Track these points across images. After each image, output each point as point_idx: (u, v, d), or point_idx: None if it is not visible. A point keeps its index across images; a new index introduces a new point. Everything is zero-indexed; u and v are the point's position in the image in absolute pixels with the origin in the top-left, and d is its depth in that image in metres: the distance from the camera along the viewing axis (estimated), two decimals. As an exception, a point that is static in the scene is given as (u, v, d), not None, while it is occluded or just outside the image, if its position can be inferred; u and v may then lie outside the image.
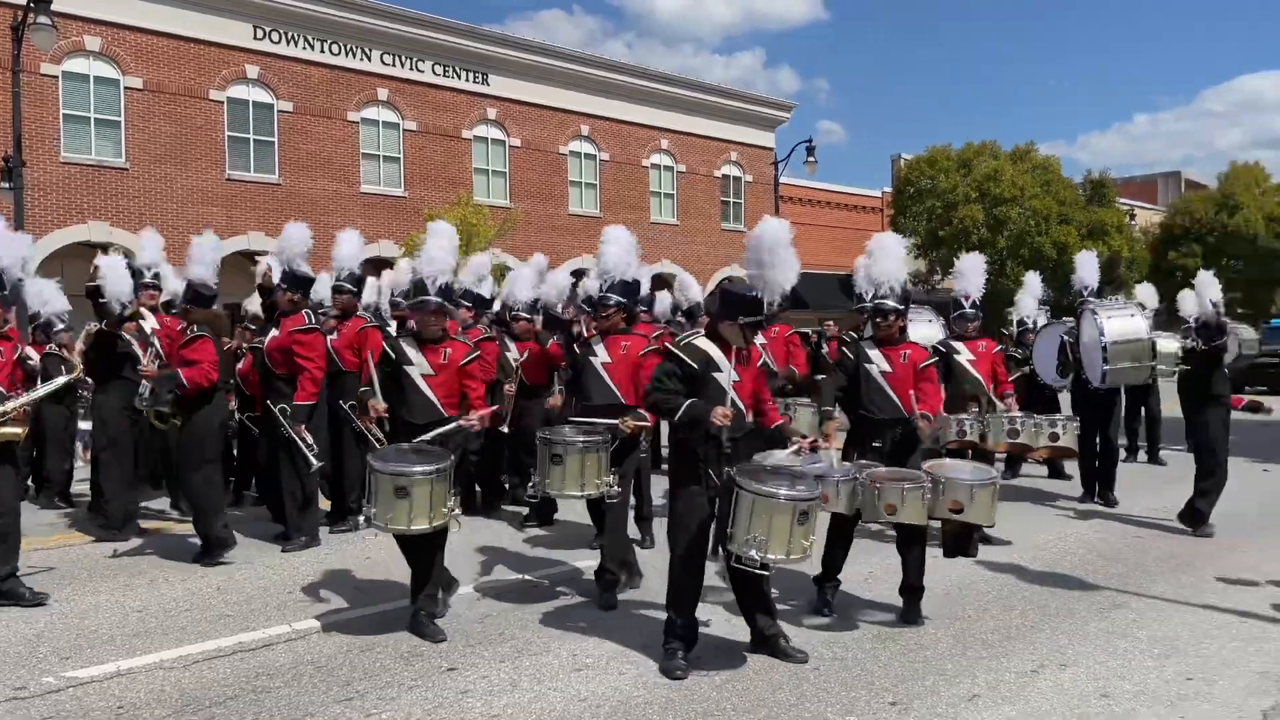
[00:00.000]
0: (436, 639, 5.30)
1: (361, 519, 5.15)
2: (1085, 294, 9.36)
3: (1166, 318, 11.52)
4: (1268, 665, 4.96)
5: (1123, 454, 11.80)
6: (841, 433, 5.99)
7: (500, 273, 12.55)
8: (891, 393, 5.82)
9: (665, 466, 11.34)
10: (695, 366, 4.86)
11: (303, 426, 7.43)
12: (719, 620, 5.56)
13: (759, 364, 5.16)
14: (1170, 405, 9.62)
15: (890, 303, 5.90)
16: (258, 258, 8.76)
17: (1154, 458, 12.39)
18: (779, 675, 4.81)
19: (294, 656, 5.10)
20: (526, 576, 6.74)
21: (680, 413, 4.76)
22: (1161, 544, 7.78)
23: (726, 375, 4.84)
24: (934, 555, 6.98)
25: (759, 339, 6.07)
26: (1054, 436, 7.96)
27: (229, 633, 5.46)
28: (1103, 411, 9.25)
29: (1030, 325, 10.78)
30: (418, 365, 5.58)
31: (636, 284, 6.60)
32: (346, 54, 24.36)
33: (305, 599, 6.15)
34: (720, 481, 4.79)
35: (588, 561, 6.60)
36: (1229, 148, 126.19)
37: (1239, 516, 8.42)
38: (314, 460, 7.45)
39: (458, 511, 5.36)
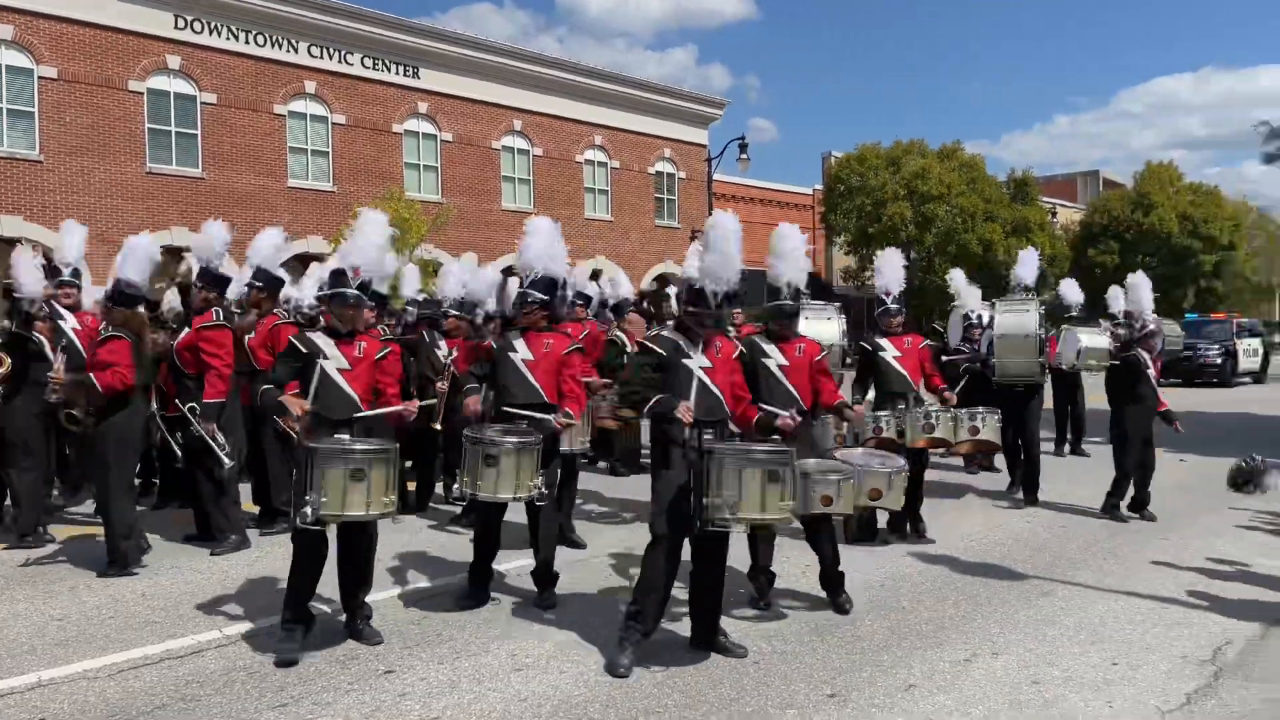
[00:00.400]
0: (373, 641, 5.21)
1: (308, 511, 4.89)
2: (1020, 290, 9.58)
3: (1087, 313, 11.85)
4: (1189, 649, 5.13)
5: (1050, 446, 12.14)
6: None
7: (433, 269, 12.41)
8: (790, 386, 5.94)
9: (601, 464, 11.52)
10: (664, 354, 5.04)
11: (214, 425, 7.25)
12: (658, 616, 5.57)
13: (734, 358, 5.22)
14: (1097, 398, 9.89)
15: (786, 299, 6.03)
16: (185, 253, 8.55)
17: (1077, 449, 12.76)
18: (719, 670, 4.84)
19: (225, 663, 4.97)
20: (463, 577, 6.66)
21: (649, 406, 4.95)
22: (1085, 533, 8.00)
23: (695, 362, 5.01)
24: (869, 550, 7.12)
25: None
26: (974, 430, 7.84)
27: (156, 640, 5.30)
28: (1016, 409, 9.29)
29: (975, 320, 10.74)
30: (333, 360, 5.30)
31: (559, 281, 6.48)
32: (272, 45, 23.87)
33: (236, 603, 6.01)
34: (695, 462, 4.82)
35: (523, 561, 6.55)
36: (1145, 148, 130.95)
37: (1157, 506, 8.68)
38: (226, 460, 7.27)
39: (395, 507, 5.26)
